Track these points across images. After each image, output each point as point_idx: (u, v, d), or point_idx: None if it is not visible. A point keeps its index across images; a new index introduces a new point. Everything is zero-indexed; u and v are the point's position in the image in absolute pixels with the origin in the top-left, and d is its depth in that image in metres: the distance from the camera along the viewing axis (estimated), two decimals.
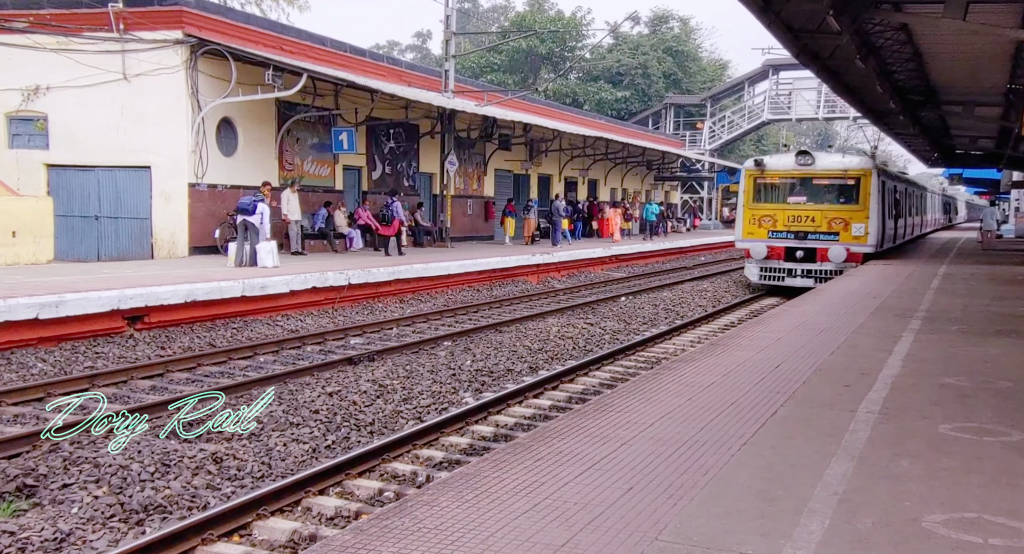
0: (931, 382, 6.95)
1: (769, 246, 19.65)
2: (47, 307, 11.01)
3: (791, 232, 19.45)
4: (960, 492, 4.31)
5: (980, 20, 12.37)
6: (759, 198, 20.06)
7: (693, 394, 6.40)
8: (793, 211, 19.53)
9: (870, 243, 19.03)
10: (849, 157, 20.30)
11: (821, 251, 19.16)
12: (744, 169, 20.55)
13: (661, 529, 3.77)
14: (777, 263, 19.69)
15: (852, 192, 19.14)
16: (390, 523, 3.80)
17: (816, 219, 19.26)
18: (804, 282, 19.07)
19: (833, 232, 19.04)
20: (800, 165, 19.49)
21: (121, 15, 18.53)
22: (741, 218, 20.30)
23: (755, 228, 19.81)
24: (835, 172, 19.33)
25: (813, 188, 19.56)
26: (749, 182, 20.16)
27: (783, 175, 19.84)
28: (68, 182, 19.59)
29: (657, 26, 61.77)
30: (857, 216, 18.97)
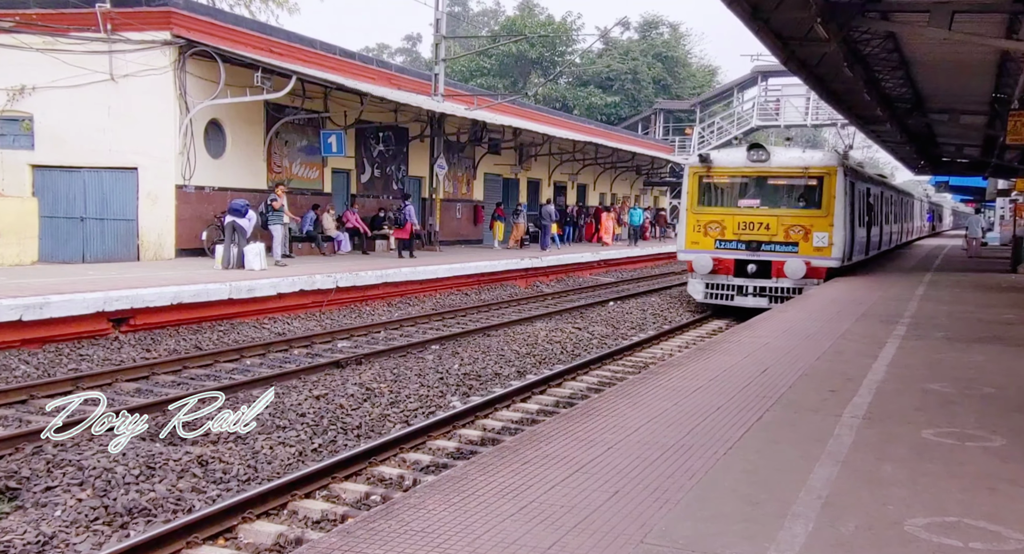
0: (915, 388, 7.01)
1: (715, 258, 16.70)
2: (31, 309, 10.93)
3: (742, 242, 16.62)
4: (942, 496, 4.35)
5: (966, 30, 12.50)
6: (705, 200, 17.23)
7: (680, 398, 6.43)
8: (744, 217, 16.66)
9: (835, 256, 16.26)
10: (811, 152, 17.39)
11: (777, 265, 16.29)
12: (688, 166, 17.61)
13: (647, 532, 3.79)
14: (725, 279, 16.78)
15: (814, 194, 16.45)
16: (377, 525, 3.80)
17: (771, 226, 16.40)
18: (756, 302, 16.17)
19: (791, 242, 16.22)
20: (753, 161, 16.59)
21: (108, 15, 18.44)
22: (684, 224, 17.37)
23: (700, 236, 16.95)
24: (794, 170, 16.51)
25: (768, 189, 16.78)
26: (693, 181, 17.24)
27: (733, 173, 17.02)
28: (53, 183, 19.46)
29: (647, 32, 62.03)
30: (819, 223, 16.13)
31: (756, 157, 16.60)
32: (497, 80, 54.79)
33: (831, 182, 16.21)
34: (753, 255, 16.52)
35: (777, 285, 16.34)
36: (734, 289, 16.70)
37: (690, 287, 17.43)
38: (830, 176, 16.23)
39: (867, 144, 48.69)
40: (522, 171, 33.14)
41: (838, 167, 16.32)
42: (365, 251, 23.10)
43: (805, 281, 16.08)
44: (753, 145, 17.03)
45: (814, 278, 16.22)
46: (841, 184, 16.18)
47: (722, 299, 16.82)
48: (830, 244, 16.14)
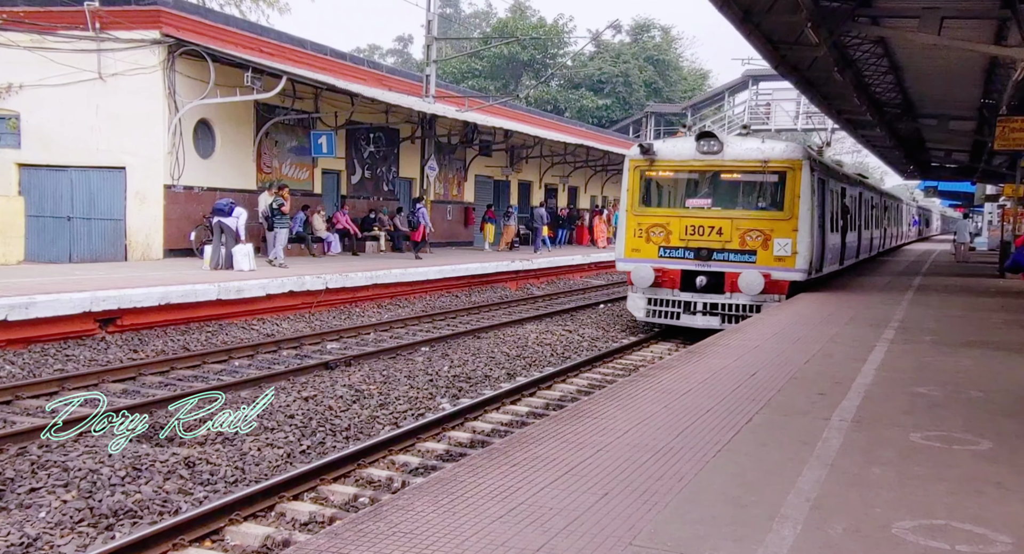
0: (903, 391, 7.04)
1: (658, 269, 14.17)
2: (16, 308, 10.84)
3: (690, 249, 14.09)
4: (929, 499, 4.37)
5: (955, 35, 12.59)
6: (648, 200, 14.78)
7: (670, 401, 6.43)
8: (693, 219, 14.19)
9: (799, 266, 13.75)
10: (772, 143, 14.51)
11: (730, 277, 13.76)
12: (628, 158, 14.95)
13: (636, 534, 3.78)
14: (670, 293, 14.22)
15: (775, 192, 14.01)
16: (365, 527, 3.78)
17: (724, 231, 13.90)
18: (707, 322, 13.85)
19: (748, 250, 13.80)
20: (703, 153, 14.08)
21: (97, 14, 18.33)
22: (623, 228, 14.78)
23: (641, 243, 14.45)
24: (751, 164, 13.90)
25: (721, 186, 14.43)
26: (634, 177, 14.70)
27: (680, 167, 14.57)
28: (40, 182, 19.32)
29: (639, 35, 62.19)
30: (781, 227, 13.69)
31: (706, 148, 14.00)
32: (489, 82, 54.80)
33: (795, 178, 13.68)
34: (703, 265, 14.03)
35: (731, 302, 13.82)
36: (680, 306, 14.17)
37: (630, 303, 14.79)
38: (794, 171, 13.69)
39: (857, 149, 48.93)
40: (513, 173, 33.13)
41: (803, 161, 13.77)
42: (355, 252, 23.04)
43: (764, 297, 13.67)
44: (703, 134, 14.25)
45: (774, 293, 13.74)
46: (807, 181, 13.74)
47: (666, 317, 14.28)
48: (794, 253, 13.61)
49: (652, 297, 14.37)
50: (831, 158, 26.19)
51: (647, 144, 14.80)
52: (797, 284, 14.16)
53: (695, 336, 12.87)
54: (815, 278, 15.16)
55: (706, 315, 13.98)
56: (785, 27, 13.57)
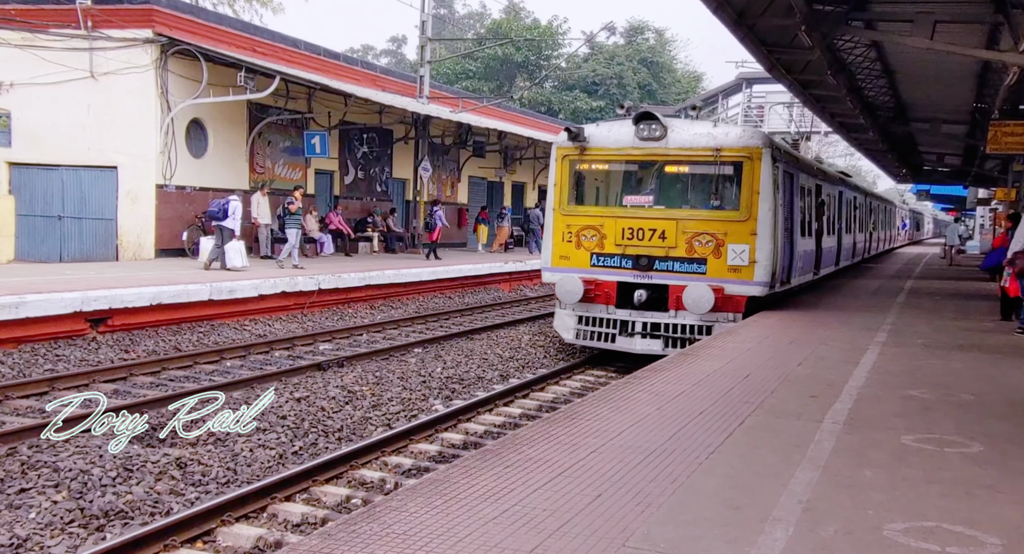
0: (895, 394, 7.06)
1: (590, 281, 11.80)
2: (6, 308, 10.78)
3: (628, 257, 11.78)
4: (920, 501, 4.38)
5: (948, 40, 12.65)
6: (578, 196, 12.46)
7: (663, 403, 6.44)
8: (631, 220, 11.81)
9: (759, 279, 11.38)
10: (725, 127, 12.32)
11: (675, 292, 11.43)
12: (555, 145, 12.54)
13: (629, 536, 3.78)
14: (604, 310, 11.88)
15: (729, 188, 11.72)
16: (358, 528, 3.77)
17: (668, 234, 11.58)
18: (647, 346, 11.57)
19: (697, 258, 11.49)
20: (643, 140, 11.74)
21: (89, 12, 18.25)
22: (549, 231, 12.41)
23: (570, 249, 12.08)
24: (700, 152, 11.55)
25: (665, 180, 12.08)
26: (562, 169, 12.34)
27: (615, 156, 12.14)
28: (31, 181, 19.22)
29: (633, 37, 62.30)
30: (737, 231, 11.40)
31: (647, 133, 11.65)
32: (483, 83, 54.81)
33: (754, 171, 11.35)
34: (642, 277, 11.66)
35: (675, 322, 11.51)
36: (615, 326, 11.81)
37: (557, 321, 12.38)
38: (752, 162, 11.35)
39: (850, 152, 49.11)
40: (507, 174, 33.14)
41: (764, 149, 11.40)
42: (348, 253, 23.00)
43: (716, 316, 11.38)
44: (642, 115, 11.75)
45: (728, 311, 11.44)
46: (769, 174, 11.39)
47: (599, 339, 11.91)
48: (752, 262, 11.29)
49: (583, 315, 11.99)
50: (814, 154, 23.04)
51: (576, 128, 12.31)
52: (756, 300, 11.67)
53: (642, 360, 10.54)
54: (781, 292, 12.78)
55: (646, 338, 11.56)
56: (779, 30, 13.62)
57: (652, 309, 11.66)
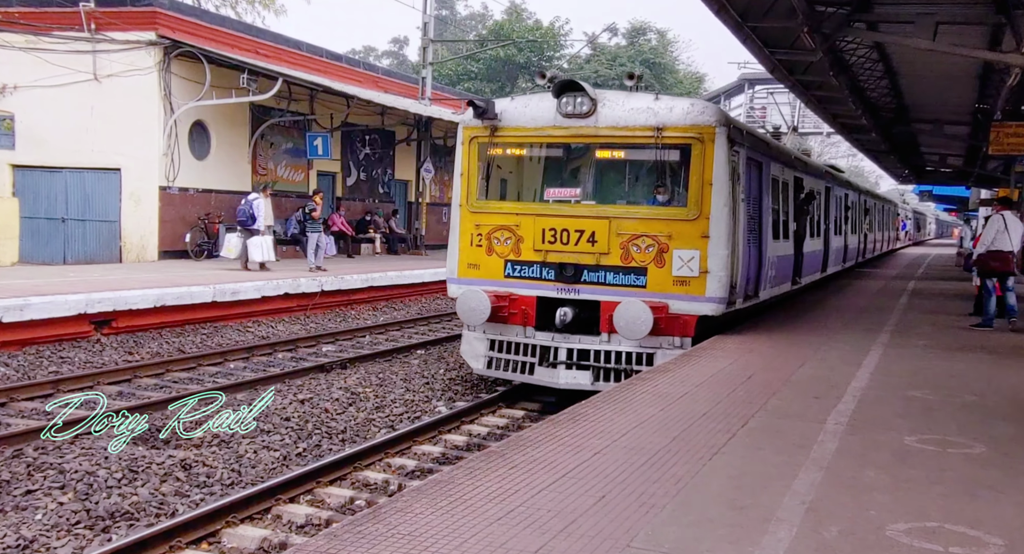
0: (898, 395, 7.07)
1: (502, 296, 9.49)
2: (11, 310, 10.82)
3: (549, 265, 9.48)
4: (923, 502, 4.40)
5: (950, 41, 12.66)
6: (489, 190, 10.13)
7: (666, 404, 6.45)
8: (554, 219, 9.52)
9: (712, 293, 9.09)
10: (668, 100, 9.47)
11: (607, 310, 9.09)
12: (461, 126, 10.21)
13: (633, 536, 3.80)
14: (521, 333, 9.60)
15: (675, 178, 9.47)
16: (364, 529, 3.79)
17: (599, 237, 9.31)
18: (573, 379, 9.26)
19: (635, 268, 9.21)
20: (567, 117, 9.46)
21: (93, 15, 18.33)
22: (455, 232, 10.12)
23: (480, 255, 9.84)
24: (638, 132, 9.24)
25: (595, 168, 9.91)
26: (470, 153, 10.03)
27: (534, 138, 9.86)
28: (35, 183, 19.28)
29: (635, 38, 62.33)
30: (684, 232, 9.13)
31: (572, 108, 9.40)
32: (485, 84, 54.85)
33: (704, 156, 9.09)
34: (568, 291, 9.39)
35: (607, 348, 9.23)
36: (534, 353, 9.47)
37: (464, 346, 10.07)
38: (702, 144, 9.10)
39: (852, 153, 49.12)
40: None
41: (717, 128, 9.12)
42: (350, 254, 23.03)
43: (658, 341, 9.11)
44: (565, 85, 9.48)
45: (674, 335, 9.16)
46: (724, 160, 9.14)
47: (515, 370, 9.58)
48: (703, 271, 9.04)
49: (496, 338, 9.69)
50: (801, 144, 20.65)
51: (484, 103, 9.88)
52: (710, 321, 9.41)
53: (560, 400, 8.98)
54: (747, 308, 10.58)
55: (572, 369, 9.24)
56: (781, 32, 13.63)
57: (580, 331, 9.31)
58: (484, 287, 9.55)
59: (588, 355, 9.31)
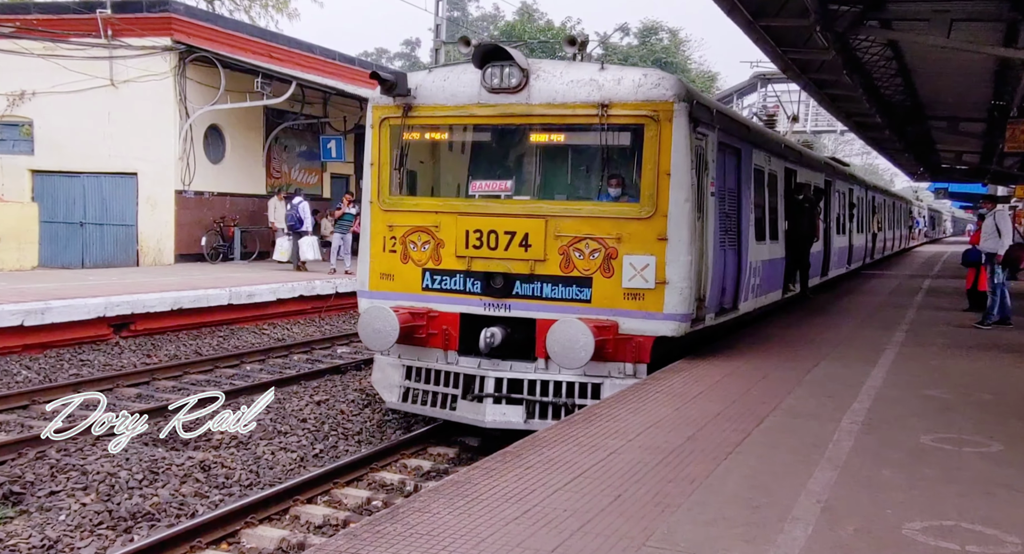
0: (914, 394, 7.05)
1: (419, 313, 7.99)
2: (32, 314, 10.96)
3: (475, 275, 7.94)
4: (939, 501, 4.40)
5: (964, 38, 12.59)
6: (404, 183, 8.50)
7: (680, 404, 6.47)
8: (481, 218, 7.94)
9: (672, 309, 7.53)
10: (616, 70, 7.93)
11: (543, 329, 7.50)
12: (370, 104, 8.56)
13: (649, 535, 3.83)
14: (442, 358, 8.07)
15: (624, 166, 8.01)
16: (383, 529, 3.84)
17: (534, 240, 7.73)
18: (502, 416, 7.67)
19: (577, 277, 7.67)
20: (494, 92, 7.87)
21: (109, 21, 18.52)
22: (367, 235, 8.52)
23: (395, 262, 8.26)
24: (579, 110, 7.69)
25: (529, 155, 8.60)
26: (381, 138, 8.39)
27: (456, 119, 8.29)
28: (53, 188, 19.50)
29: (646, 37, 62.23)
30: (636, 234, 7.57)
31: (499, 81, 7.80)
32: None
33: (660, 138, 7.49)
34: (496, 307, 7.87)
35: (544, 378, 7.67)
36: (458, 383, 7.91)
37: (376, 374, 8.55)
38: (657, 124, 7.50)
39: (866, 150, 48.82)
40: None
41: (676, 104, 7.50)
42: None
43: (606, 368, 7.56)
44: (489, 50, 7.84)
45: (625, 361, 7.58)
46: (685, 144, 7.54)
47: (435, 404, 8.03)
48: (659, 282, 7.49)
49: (413, 365, 8.15)
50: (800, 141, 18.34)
51: (393, 76, 8.20)
52: (671, 342, 7.77)
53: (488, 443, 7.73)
54: (720, 324, 9.02)
55: (501, 403, 7.66)
56: (793, 31, 13.58)
57: (513, 356, 7.78)
58: (398, 302, 7.99)
59: (521, 387, 7.65)
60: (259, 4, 37.56)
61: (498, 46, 7.89)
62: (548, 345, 7.26)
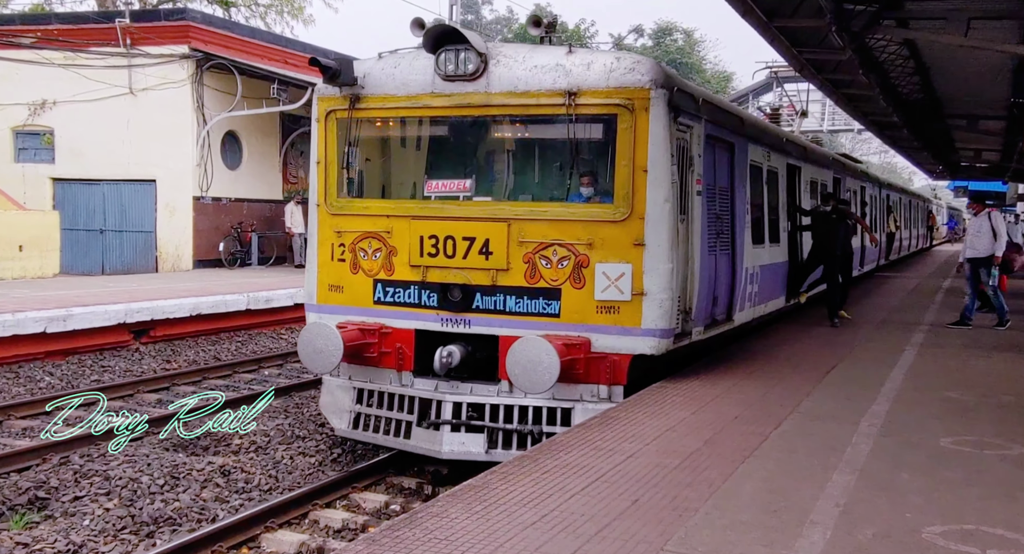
0: (933, 396, 7.01)
1: (370, 329, 7.33)
2: (55, 321, 11.10)
3: (431, 287, 7.21)
4: (959, 504, 4.37)
5: (982, 36, 12.48)
6: (353, 184, 7.76)
7: (698, 407, 6.46)
8: (437, 223, 7.20)
9: (651, 323, 6.76)
10: (586, 54, 7.06)
11: (506, 346, 6.71)
12: (316, 95, 7.75)
13: (667, 540, 3.83)
14: (396, 380, 7.35)
15: (598, 160, 7.33)
16: (401, 534, 3.87)
17: (496, 246, 7.01)
18: (460, 445, 6.90)
19: (544, 289, 6.94)
20: (449, 80, 7.13)
21: (128, 30, 18.74)
22: (314, 242, 7.79)
23: (343, 272, 7.56)
24: (544, 99, 6.94)
25: (489, 150, 8.00)
26: (327, 133, 7.63)
27: (408, 110, 7.54)
28: (74, 196, 19.74)
29: (661, 38, 62.13)
30: (610, 239, 6.83)
31: (454, 68, 7.08)
32: None
33: (636, 130, 6.78)
34: (454, 322, 7.17)
35: (509, 402, 6.95)
36: (413, 408, 7.19)
37: (324, 398, 7.76)
38: (632, 114, 6.77)
39: (884, 149, 48.43)
40: None
41: (652, 91, 6.77)
42: None
43: (577, 391, 6.86)
44: (442, 33, 7.08)
45: (599, 383, 6.85)
46: (663, 136, 6.82)
47: (388, 431, 7.28)
48: (637, 293, 6.77)
49: (365, 387, 7.44)
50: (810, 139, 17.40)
51: (337, 64, 7.37)
52: (651, 361, 6.97)
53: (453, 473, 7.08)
54: (711, 338, 8.25)
55: (459, 431, 6.93)
56: (808, 31, 13.52)
57: (474, 378, 7.11)
58: (348, 317, 7.36)
59: (482, 414, 6.92)
60: (275, 11, 37.80)
61: (452, 28, 7.08)
62: (508, 367, 6.52)
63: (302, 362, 7.34)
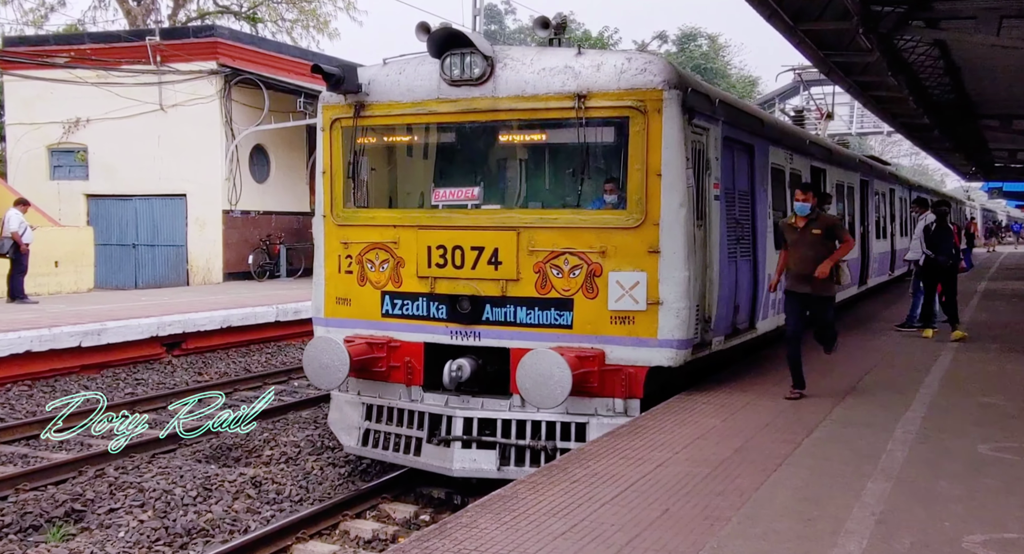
0: (970, 401, 6.87)
1: (378, 342, 7.21)
2: (89, 335, 11.28)
3: (439, 298, 7.06)
4: (1000, 512, 4.27)
5: (1015, 34, 12.28)
6: (359, 194, 7.70)
7: (727, 415, 6.39)
8: (445, 232, 7.06)
9: (668, 334, 6.55)
10: (595, 56, 6.88)
11: (517, 359, 6.53)
12: (321, 104, 7.75)
13: (698, 550, 3.79)
14: (405, 395, 7.21)
15: (609, 167, 7.12)
16: (431, 544, 3.86)
17: (505, 256, 6.82)
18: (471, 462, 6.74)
19: (556, 300, 6.75)
20: (455, 85, 7.01)
21: (158, 48, 19.08)
22: (321, 253, 7.76)
23: (351, 284, 7.47)
24: (553, 103, 6.78)
25: (497, 157, 7.84)
26: (333, 142, 7.59)
27: (414, 117, 7.38)
28: (107, 211, 20.10)
29: (685, 44, 61.90)
30: (623, 246, 6.62)
31: (459, 72, 6.97)
32: None
33: (649, 133, 6.58)
34: (464, 334, 7.02)
35: (522, 417, 6.75)
36: (423, 424, 7.03)
37: (333, 414, 7.67)
38: (645, 117, 6.58)
39: (915, 151, 47.76)
40: None
41: (665, 93, 6.59)
42: None
43: (591, 405, 6.67)
44: (447, 37, 7.01)
45: (615, 397, 6.66)
46: (678, 138, 6.63)
47: (396, 448, 7.13)
48: (654, 302, 6.57)
49: (373, 403, 7.30)
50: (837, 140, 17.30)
51: (340, 71, 7.32)
52: (669, 373, 6.76)
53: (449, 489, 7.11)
54: (732, 348, 8.03)
55: (470, 448, 6.77)
56: (835, 34, 13.38)
57: (485, 392, 6.93)
58: (356, 330, 7.22)
59: (493, 429, 6.74)
60: (300, 25, 38.27)
61: (457, 31, 6.94)
62: (518, 380, 6.34)
63: (308, 378, 7.22)
